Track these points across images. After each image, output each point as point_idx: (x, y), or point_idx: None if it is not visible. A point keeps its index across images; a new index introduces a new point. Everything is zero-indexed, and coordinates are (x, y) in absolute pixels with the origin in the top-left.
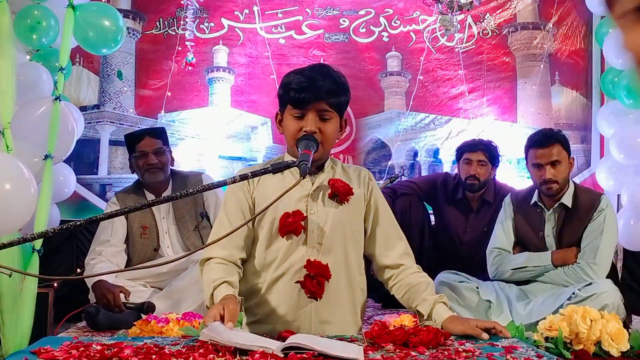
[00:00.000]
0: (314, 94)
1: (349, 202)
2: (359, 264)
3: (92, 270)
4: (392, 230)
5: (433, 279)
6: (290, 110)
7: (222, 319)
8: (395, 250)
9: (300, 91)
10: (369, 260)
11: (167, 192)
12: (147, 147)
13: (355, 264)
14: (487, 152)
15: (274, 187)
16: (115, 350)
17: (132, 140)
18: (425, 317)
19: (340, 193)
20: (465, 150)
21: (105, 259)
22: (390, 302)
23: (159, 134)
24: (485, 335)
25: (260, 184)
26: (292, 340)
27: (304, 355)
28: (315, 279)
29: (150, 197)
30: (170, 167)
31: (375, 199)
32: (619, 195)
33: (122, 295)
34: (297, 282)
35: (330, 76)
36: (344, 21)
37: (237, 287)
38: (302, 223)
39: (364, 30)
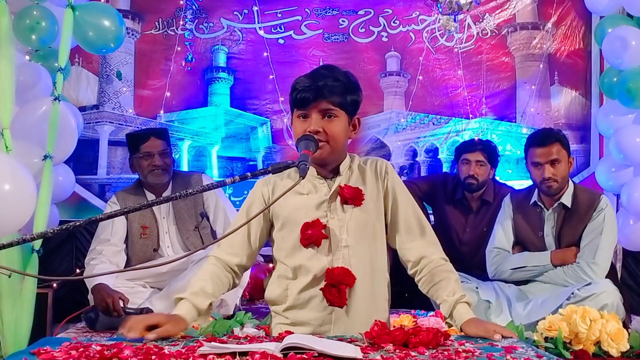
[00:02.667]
0: (314, 94)
1: (364, 203)
2: (384, 260)
3: (92, 270)
4: (413, 220)
5: None
6: (296, 112)
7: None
8: (418, 242)
9: (303, 91)
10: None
11: (167, 192)
12: (152, 148)
13: (381, 262)
14: (486, 152)
15: (292, 195)
16: (114, 350)
17: (135, 140)
18: (447, 317)
19: (349, 199)
20: (463, 150)
21: (105, 260)
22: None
23: (163, 134)
24: (498, 337)
25: (275, 194)
26: (289, 340)
27: (304, 356)
28: (335, 288)
29: (150, 197)
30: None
31: (393, 190)
32: (618, 195)
33: (120, 302)
34: (320, 289)
35: (333, 75)
36: (343, 21)
37: (210, 296)
38: (323, 231)
39: (363, 30)
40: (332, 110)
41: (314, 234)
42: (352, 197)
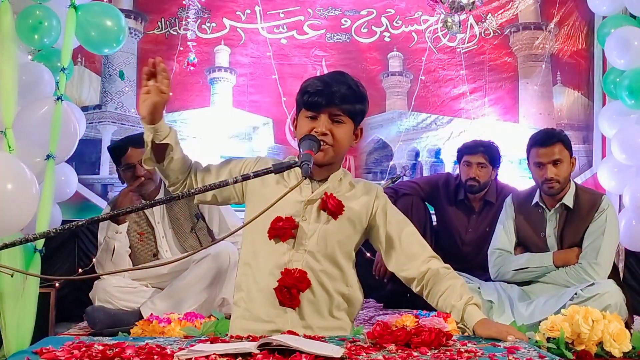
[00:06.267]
0: (327, 98)
1: (339, 219)
2: (345, 275)
3: (108, 243)
4: (412, 241)
5: None
6: (305, 112)
7: None
8: (419, 260)
9: (315, 95)
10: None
11: (160, 196)
12: (132, 159)
13: (340, 274)
14: (487, 154)
15: (274, 184)
16: (117, 350)
17: (116, 152)
18: (459, 321)
19: (328, 209)
20: (465, 152)
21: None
22: (391, 303)
23: (143, 141)
24: (511, 338)
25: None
26: (268, 339)
27: (305, 357)
28: (287, 289)
29: (143, 202)
30: None
31: (385, 216)
32: (620, 196)
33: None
34: (274, 288)
35: (346, 83)
36: (346, 21)
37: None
38: (293, 231)
39: (365, 30)
40: (341, 116)
41: (282, 228)
42: (332, 209)
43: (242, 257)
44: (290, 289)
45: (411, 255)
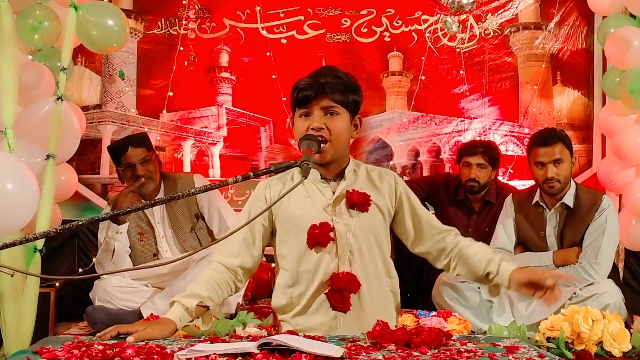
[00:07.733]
0: (316, 91)
1: (370, 210)
2: (387, 267)
3: (108, 243)
4: (433, 221)
5: (435, 279)
6: (298, 111)
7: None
8: (445, 235)
9: (304, 89)
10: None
11: (160, 196)
12: (132, 159)
13: (383, 268)
14: (487, 155)
15: (295, 198)
16: (117, 350)
17: (116, 152)
18: (495, 275)
19: (356, 204)
20: (464, 153)
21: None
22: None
23: (142, 141)
24: (550, 282)
25: (280, 195)
26: (267, 339)
27: (305, 357)
28: (339, 293)
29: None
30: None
31: (408, 200)
32: (620, 196)
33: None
34: (325, 293)
35: (334, 74)
36: (346, 21)
37: (202, 297)
38: (331, 234)
39: (365, 30)
40: (334, 107)
41: (320, 234)
42: (360, 202)
43: (281, 281)
44: (342, 291)
45: (439, 231)
